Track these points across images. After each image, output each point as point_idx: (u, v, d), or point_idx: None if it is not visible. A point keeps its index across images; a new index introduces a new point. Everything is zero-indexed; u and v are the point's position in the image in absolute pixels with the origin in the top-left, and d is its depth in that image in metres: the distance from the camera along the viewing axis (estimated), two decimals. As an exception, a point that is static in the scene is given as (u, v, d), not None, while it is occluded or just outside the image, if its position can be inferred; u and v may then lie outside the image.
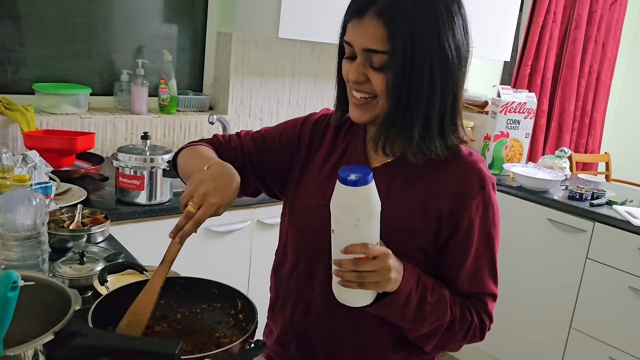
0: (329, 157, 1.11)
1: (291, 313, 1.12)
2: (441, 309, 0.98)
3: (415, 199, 1.01)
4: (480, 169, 1.02)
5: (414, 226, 1.00)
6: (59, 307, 0.87)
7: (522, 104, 2.91)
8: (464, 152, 1.04)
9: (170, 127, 2.56)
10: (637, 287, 2.35)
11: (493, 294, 1.06)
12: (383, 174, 1.03)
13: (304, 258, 1.08)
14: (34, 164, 1.62)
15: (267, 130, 1.20)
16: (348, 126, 1.13)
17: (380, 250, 0.89)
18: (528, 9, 3.73)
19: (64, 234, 1.46)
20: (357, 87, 0.97)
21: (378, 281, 0.89)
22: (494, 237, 1.03)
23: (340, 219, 0.88)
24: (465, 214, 0.99)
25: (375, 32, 0.91)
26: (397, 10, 0.89)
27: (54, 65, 2.35)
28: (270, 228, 2.22)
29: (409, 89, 0.92)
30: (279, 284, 1.16)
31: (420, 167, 1.01)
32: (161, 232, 1.84)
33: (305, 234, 1.08)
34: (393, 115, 0.95)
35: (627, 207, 2.52)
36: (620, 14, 4.20)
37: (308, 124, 1.16)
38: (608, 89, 4.39)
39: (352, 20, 0.95)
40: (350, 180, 0.84)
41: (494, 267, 1.05)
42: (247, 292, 1.02)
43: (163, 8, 2.57)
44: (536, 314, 2.70)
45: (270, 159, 1.16)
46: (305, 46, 2.87)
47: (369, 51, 0.93)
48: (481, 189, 1.00)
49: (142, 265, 1.20)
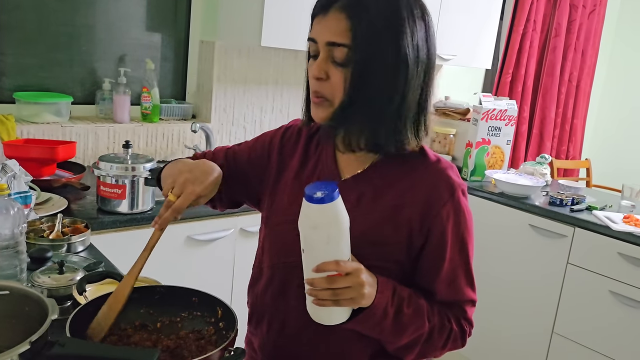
0: (301, 169, 1.10)
1: (267, 328, 1.11)
2: (419, 319, 0.98)
3: (385, 209, 1.00)
4: (449, 176, 1.01)
5: (385, 237, 0.99)
6: (36, 317, 0.86)
7: (503, 111, 2.94)
8: (431, 159, 1.03)
9: (153, 136, 2.55)
10: (618, 291, 2.38)
11: (472, 300, 1.06)
12: (353, 184, 1.03)
13: (278, 273, 1.08)
14: (13, 173, 1.60)
15: (241, 145, 1.21)
16: (319, 137, 1.12)
17: (353, 266, 0.88)
18: (508, 17, 3.79)
19: (43, 243, 1.44)
20: (317, 86, 0.97)
21: (353, 297, 0.89)
22: (468, 243, 1.03)
23: (310, 237, 0.87)
24: (436, 223, 0.99)
25: (338, 25, 0.92)
26: (362, 5, 0.91)
27: (35, 74, 2.34)
28: (253, 236, 2.21)
29: (364, 83, 0.93)
30: (255, 299, 1.15)
31: (389, 177, 1.02)
32: (143, 240, 1.83)
33: (280, 249, 1.07)
34: (347, 108, 0.95)
35: (606, 212, 2.56)
36: (599, 23, 4.28)
37: (277, 137, 1.16)
38: (588, 96, 4.46)
39: (318, 16, 0.96)
40: (317, 197, 0.83)
41: (470, 273, 1.04)
42: (230, 300, 1.02)
43: (145, 17, 2.57)
44: (518, 319, 2.72)
45: (241, 172, 1.17)
46: (288, 54, 2.88)
47: (331, 45, 0.93)
48: (450, 196, 0.99)
49: (121, 274, 1.19)
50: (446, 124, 3.23)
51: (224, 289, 2.18)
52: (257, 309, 1.14)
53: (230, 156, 1.19)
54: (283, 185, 1.11)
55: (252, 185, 1.17)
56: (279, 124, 1.22)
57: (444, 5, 2.89)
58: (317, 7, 0.97)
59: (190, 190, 0.96)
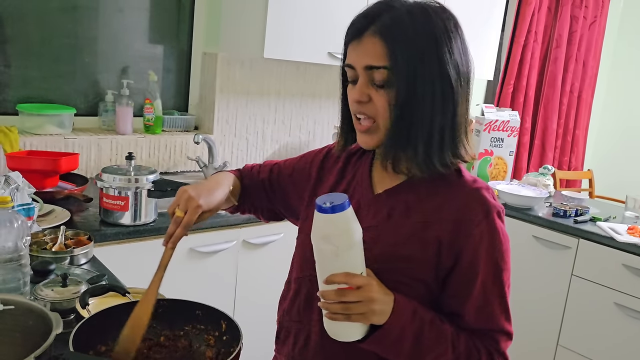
0: (336, 186, 1.10)
1: (293, 343, 1.08)
2: (442, 345, 0.92)
3: (414, 225, 0.97)
4: (484, 197, 0.97)
5: (412, 254, 0.95)
6: (40, 331, 0.85)
7: (505, 122, 2.94)
8: (467, 179, 1.00)
9: (156, 147, 2.55)
10: (623, 303, 2.36)
11: (507, 332, 0.97)
12: (385, 199, 1.02)
13: (305, 286, 1.06)
14: (17, 185, 1.60)
15: (287, 160, 1.25)
16: (358, 156, 1.12)
17: (364, 280, 0.87)
18: (510, 28, 3.80)
19: (46, 256, 1.44)
20: (360, 108, 0.96)
21: (363, 312, 0.87)
22: (503, 269, 0.96)
23: (320, 248, 0.86)
24: (467, 243, 0.94)
25: (375, 50, 0.92)
26: (396, 28, 0.91)
27: (38, 85, 2.35)
28: (256, 248, 2.21)
29: (411, 104, 0.92)
30: (282, 314, 1.14)
31: (423, 194, 0.99)
32: (146, 253, 1.84)
33: (305, 261, 1.06)
34: (396, 131, 0.94)
35: (610, 223, 2.54)
36: (600, 34, 4.29)
37: (320, 155, 1.18)
38: (589, 107, 4.46)
39: (352, 43, 0.96)
40: (326, 207, 0.82)
41: (505, 301, 0.97)
42: (233, 313, 1.01)
43: (148, 29, 2.58)
44: (523, 331, 2.69)
45: (282, 188, 1.21)
46: (291, 66, 2.89)
47: (370, 68, 0.93)
48: (485, 217, 0.95)
49: (124, 287, 1.19)
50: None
51: (227, 302, 2.17)
52: (285, 324, 1.12)
53: (275, 171, 1.23)
54: None
55: (292, 200, 1.20)
56: (281, 136, 1.25)
57: (445, 17, 2.89)
58: (350, 34, 0.96)
59: (195, 205, 1.00)
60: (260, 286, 2.23)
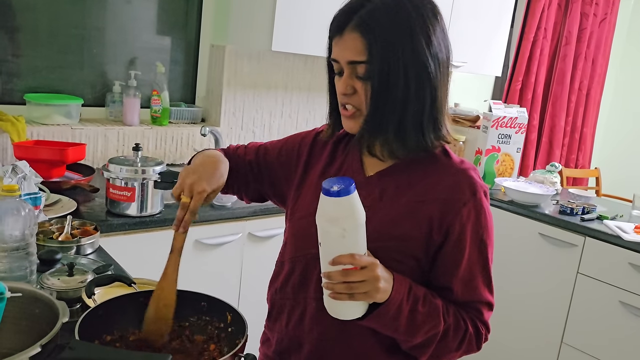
0: (327, 168, 1.14)
1: (287, 321, 1.12)
2: (434, 318, 0.98)
3: (406, 205, 1.02)
4: (472, 177, 1.03)
5: (405, 232, 1.01)
6: (47, 319, 0.85)
7: (513, 118, 2.93)
8: (455, 160, 1.06)
9: (162, 139, 2.55)
10: (628, 302, 2.35)
11: (488, 303, 1.05)
12: (376, 181, 1.06)
13: (300, 265, 1.10)
14: (24, 174, 1.60)
15: (272, 142, 1.26)
16: (347, 141, 1.16)
17: (368, 260, 0.90)
18: (519, 25, 3.77)
19: (52, 245, 1.44)
20: (346, 99, 1.01)
21: (368, 291, 0.90)
22: (487, 244, 1.03)
23: (326, 231, 0.89)
24: (456, 221, 1.00)
25: (355, 45, 0.96)
26: (373, 22, 0.95)
27: (46, 76, 2.35)
28: (261, 241, 2.21)
29: (385, 95, 0.96)
30: (274, 292, 1.17)
31: (413, 175, 1.04)
32: (152, 244, 1.84)
33: (302, 241, 1.09)
34: (370, 119, 0.98)
35: (617, 222, 2.53)
36: (610, 31, 4.25)
37: (308, 138, 1.20)
38: (598, 105, 4.44)
39: (335, 38, 1.00)
40: (334, 191, 0.85)
41: (489, 275, 1.05)
42: (238, 305, 1.02)
43: (156, 20, 2.58)
44: (528, 329, 2.70)
45: (269, 169, 1.22)
46: (298, 59, 2.88)
47: (352, 63, 0.97)
48: (472, 195, 1.01)
49: (130, 277, 1.19)
50: (456, 130, 3.22)
51: (232, 294, 2.17)
52: (277, 302, 1.16)
53: (262, 152, 1.24)
54: (309, 183, 1.15)
55: (279, 182, 1.21)
56: (288, 129, 1.25)
57: (454, 12, 2.88)
58: (333, 29, 1.01)
59: (199, 190, 1.01)
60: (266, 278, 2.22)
